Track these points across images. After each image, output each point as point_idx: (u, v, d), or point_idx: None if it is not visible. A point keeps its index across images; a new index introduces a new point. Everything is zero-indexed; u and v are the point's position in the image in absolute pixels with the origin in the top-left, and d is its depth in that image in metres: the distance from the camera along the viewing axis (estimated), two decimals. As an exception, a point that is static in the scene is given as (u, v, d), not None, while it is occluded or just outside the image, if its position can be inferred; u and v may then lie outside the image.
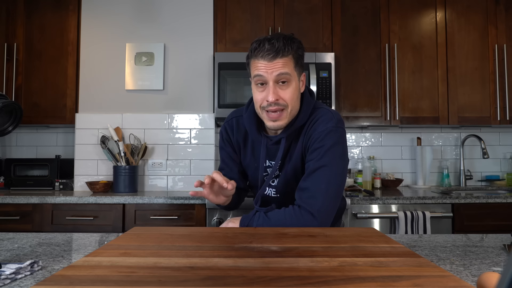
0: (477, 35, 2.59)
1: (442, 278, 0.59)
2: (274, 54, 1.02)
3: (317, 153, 1.06)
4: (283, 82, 1.05)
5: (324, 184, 1.04)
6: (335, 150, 1.06)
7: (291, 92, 1.06)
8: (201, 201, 2.15)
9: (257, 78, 1.06)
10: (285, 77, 1.04)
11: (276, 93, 1.04)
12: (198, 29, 2.63)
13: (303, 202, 1.05)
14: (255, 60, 1.06)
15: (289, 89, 1.06)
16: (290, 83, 1.06)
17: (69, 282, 0.57)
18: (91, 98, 2.62)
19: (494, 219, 2.15)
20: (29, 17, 2.57)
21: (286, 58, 1.04)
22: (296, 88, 1.08)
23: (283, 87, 1.05)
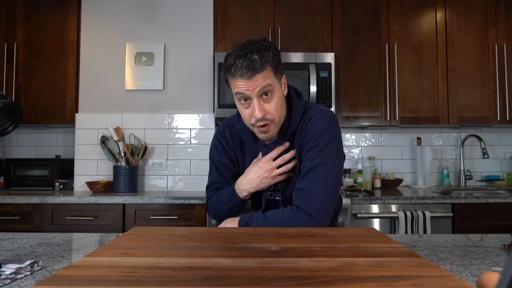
0: (477, 35, 2.59)
1: (442, 278, 0.59)
2: (252, 71, 0.99)
3: (312, 153, 1.06)
4: (266, 94, 1.03)
5: (320, 184, 1.04)
6: (329, 148, 1.06)
7: (276, 103, 1.04)
8: (201, 201, 2.15)
9: (239, 96, 1.04)
10: (268, 89, 1.02)
11: (262, 108, 1.03)
12: (198, 29, 2.63)
13: (300, 203, 1.05)
14: (233, 79, 1.03)
15: (273, 101, 1.04)
16: (274, 93, 1.04)
17: (69, 282, 0.57)
18: (91, 98, 2.62)
19: (494, 219, 2.15)
20: (29, 17, 2.57)
21: (265, 71, 1.01)
22: (280, 95, 1.06)
23: (268, 100, 1.04)
